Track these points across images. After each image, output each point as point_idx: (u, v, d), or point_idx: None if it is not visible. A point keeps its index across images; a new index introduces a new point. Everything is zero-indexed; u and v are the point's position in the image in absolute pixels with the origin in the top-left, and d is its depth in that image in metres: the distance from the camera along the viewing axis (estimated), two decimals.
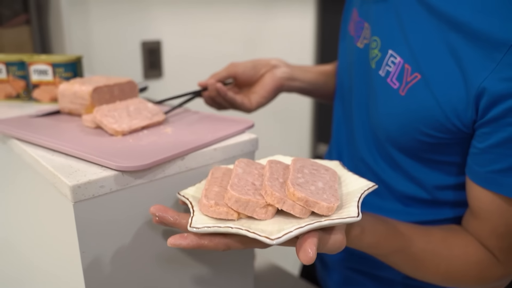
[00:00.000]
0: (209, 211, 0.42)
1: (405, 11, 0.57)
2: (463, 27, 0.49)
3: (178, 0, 1.46)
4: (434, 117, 0.53)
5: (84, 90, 0.65)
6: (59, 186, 0.46)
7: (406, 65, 0.55)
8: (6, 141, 0.64)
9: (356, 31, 0.68)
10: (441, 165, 0.59)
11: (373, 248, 0.53)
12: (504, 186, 0.50)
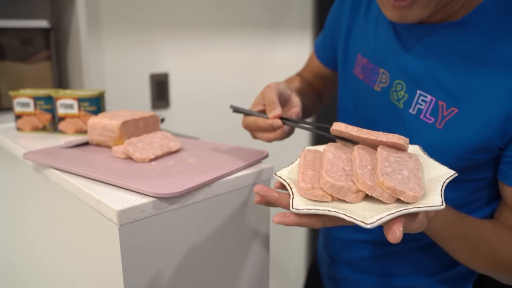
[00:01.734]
0: (307, 193, 0.47)
1: (432, 55, 0.64)
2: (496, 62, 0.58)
3: (184, 35, 1.55)
4: (476, 142, 0.60)
5: (113, 124, 0.72)
6: (104, 211, 0.52)
7: (440, 102, 0.63)
8: (42, 170, 0.70)
9: (369, 76, 0.75)
10: (470, 183, 0.65)
11: (441, 230, 0.59)
12: None
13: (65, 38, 1.17)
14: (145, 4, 1.42)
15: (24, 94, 0.91)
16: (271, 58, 1.86)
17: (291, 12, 1.92)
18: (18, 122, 0.93)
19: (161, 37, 1.49)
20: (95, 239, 0.58)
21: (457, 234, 0.60)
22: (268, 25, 1.83)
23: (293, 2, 1.91)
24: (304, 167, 0.50)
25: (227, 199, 0.61)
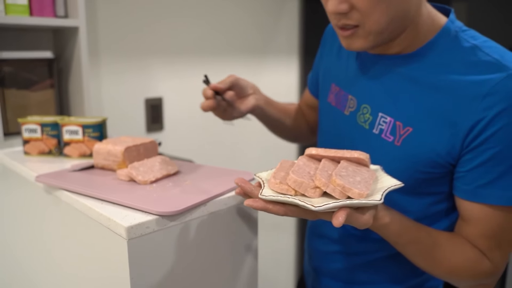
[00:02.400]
0: (275, 187, 0.58)
1: (391, 82, 0.75)
2: (442, 89, 0.68)
3: (176, 61, 1.64)
4: (428, 157, 0.70)
5: (117, 149, 0.81)
6: (114, 227, 0.60)
7: (397, 122, 0.73)
8: (52, 192, 0.78)
9: (340, 102, 0.85)
10: (429, 196, 0.74)
11: (396, 236, 0.67)
12: (488, 197, 0.67)
13: (67, 67, 1.25)
14: (140, 33, 1.52)
15: (31, 121, 0.99)
16: (260, 81, 1.96)
17: (278, 38, 2.03)
18: (26, 146, 1.00)
19: (155, 63, 1.59)
20: (104, 253, 0.66)
21: (413, 241, 0.69)
22: (257, 50, 1.94)
23: (280, 28, 2.03)
24: (278, 170, 0.62)
25: (220, 216, 0.69)
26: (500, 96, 0.63)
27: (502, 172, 0.65)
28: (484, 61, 0.66)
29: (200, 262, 0.68)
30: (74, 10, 1.17)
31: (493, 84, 0.64)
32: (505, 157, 0.65)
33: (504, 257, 0.71)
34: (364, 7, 0.65)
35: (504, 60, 0.65)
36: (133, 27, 1.50)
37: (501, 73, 0.64)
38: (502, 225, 0.68)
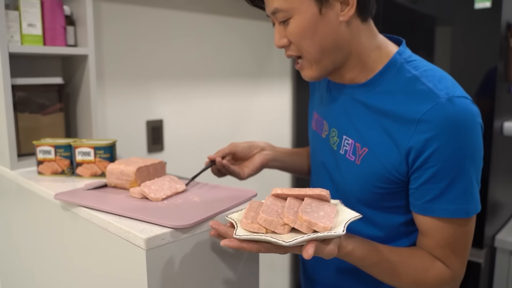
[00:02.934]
0: (247, 226, 0.64)
1: (350, 108, 0.84)
2: (389, 114, 0.77)
3: (176, 84, 1.73)
4: (381, 174, 0.78)
5: (130, 170, 0.88)
6: (133, 239, 0.67)
7: (357, 143, 0.82)
8: (70, 209, 0.85)
9: (318, 127, 0.96)
10: (391, 209, 0.82)
11: (361, 261, 0.74)
12: (435, 211, 0.75)
13: (75, 92, 1.33)
14: (141, 59, 1.61)
15: (46, 143, 1.06)
16: (255, 103, 2.05)
17: (272, 62, 2.13)
18: (40, 167, 1.07)
19: (156, 87, 1.67)
20: (121, 263, 0.72)
21: (376, 262, 0.76)
22: (251, 73, 2.04)
23: (274, 53, 2.13)
24: (248, 211, 0.69)
25: None
26: (430, 123, 0.71)
27: (443, 188, 0.73)
28: (419, 90, 0.75)
29: (208, 269, 0.75)
30: (83, 39, 1.26)
31: (424, 112, 0.72)
32: (444, 175, 0.73)
33: (461, 263, 0.79)
34: (295, 40, 0.79)
35: (436, 89, 0.73)
36: (135, 53, 1.59)
37: (432, 102, 0.72)
38: (453, 235, 0.76)
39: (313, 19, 0.76)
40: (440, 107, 0.71)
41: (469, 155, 0.73)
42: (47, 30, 1.19)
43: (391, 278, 0.78)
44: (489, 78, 1.60)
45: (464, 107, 0.72)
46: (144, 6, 1.59)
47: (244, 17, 1.98)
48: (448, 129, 0.71)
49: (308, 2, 0.76)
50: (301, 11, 0.77)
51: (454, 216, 0.74)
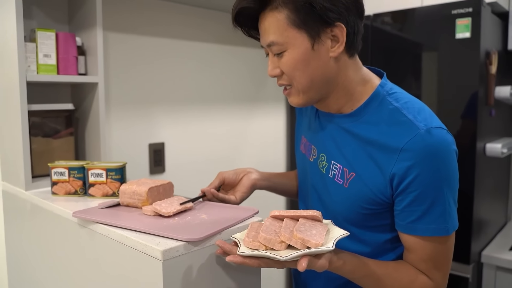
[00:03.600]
0: (249, 244, 0.73)
1: (338, 136, 0.92)
2: (374, 143, 0.85)
3: (177, 109, 1.82)
4: (368, 196, 0.86)
5: (142, 189, 0.96)
6: (150, 252, 0.75)
7: (344, 168, 0.90)
8: (87, 226, 0.93)
9: (307, 150, 1.03)
10: (377, 228, 0.90)
11: (351, 273, 0.82)
12: (418, 230, 0.83)
13: (84, 117, 1.41)
14: (144, 85, 1.70)
15: (60, 165, 1.14)
16: (251, 126, 2.15)
17: (267, 87, 2.24)
18: (54, 187, 1.15)
19: (158, 111, 1.76)
20: (138, 275, 0.80)
21: (365, 275, 0.84)
22: (248, 98, 2.14)
23: (268, 79, 2.24)
24: (249, 230, 0.78)
25: None
26: (411, 152, 0.80)
27: (424, 210, 0.82)
28: (400, 121, 0.84)
29: (216, 278, 0.83)
30: (94, 68, 1.35)
31: (406, 142, 0.81)
32: (425, 198, 0.81)
33: (443, 276, 0.87)
34: (287, 71, 0.87)
35: (416, 121, 0.82)
36: (139, 79, 1.68)
37: (412, 133, 0.81)
38: (434, 251, 0.84)
39: (306, 54, 0.85)
40: (420, 137, 0.80)
41: (446, 180, 0.82)
42: (61, 60, 1.28)
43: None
44: (472, 102, 1.72)
45: (440, 137, 0.81)
46: (146, 36, 1.70)
47: (240, 45, 2.09)
48: (427, 158, 0.80)
49: (302, 38, 0.84)
50: (295, 45, 0.84)
51: (435, 234, 0.83)
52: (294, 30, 0.83)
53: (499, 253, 1.85)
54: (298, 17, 0.82)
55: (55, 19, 1.42)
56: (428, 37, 1.82)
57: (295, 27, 0.83)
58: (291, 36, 0.84)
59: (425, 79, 1.84)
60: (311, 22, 0.83)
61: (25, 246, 1.26)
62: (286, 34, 0.84)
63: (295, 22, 0.83)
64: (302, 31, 0.83)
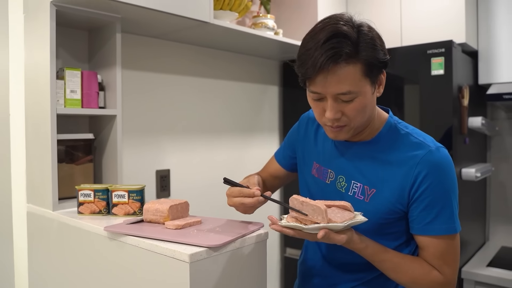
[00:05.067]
0: (288, 219, 0.93)
1: (358, 160, 1.08)
2: (392, 162, 1.03)
3: (181, 138, 1.99)
4: (387, 207, 1.02)
5: (164, 207, 1.11)
6: (179, 256, 0.90)
7: (365, 186, 1.06)
8: (116, 238, 1.07)
9: (321, 174, 1.18)
10: (390, 235, 1.06)
11: (371, 256, 0.99)
12: (432, 231, 1.00)
13: (101, 145, 1.57)
14: (153, 116, 1.87)
15: (86, 188, 1.29)
16: (248, 154, 2.32)
17: (262, 119, 2.43)
18: (80, 207, 1.29)
19: (164, 140, 1.92)
20: (165, 278, 0.94)
21: (384, 259, 1.01)
22: (245, 128, 2.32)
23: (264, 111, 2.43)
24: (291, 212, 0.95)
25: (242, 250, 1.00)
26: (424, 165, 0.99)
27: (436, 213, 0.99)
28: (414, 142, 1.03)
29: (232, 277, 0.98)
30: (113, 101, 1.52)
31: (420, 157, 1.00)
32: (436, 203, 0.99)
33: (452, 271, 1.03)
34: (353, 115, 1.00)
35: (426, 141, 1.02)
36: (148, 111, 1.85)
37: (424, 150, 1.01)
38: (445, 248, 1.01)
39: (369, 98, 1.00)
40: (431, 154, 1.00)
41: (452, 188, 1.01)
42: (85, 95, 1.45)
43: (394, 274, 1.02)
44: (448, 131, 1.92)
45: (446, 154, 1.02)
46: (154, 73, 1.88)
47: (238, 81, 2.29)
48: (437, 169, 0.99)
49: (369, 85, 0.98)
50: (364, 93, 0.98)
51: (446, 233, 1.00)
52: (366, 80, 0.97)
53: (477, 269, 2.01)
54: (371, 69, 0.96)
55: (77, 58, 1.60)
56: (408, 72, 2.04)
57: (367, 77, 0.96)
58: (363, 85, 0.97)
59: (407, 110, 2.05)
60: (376, 73, 0.99)
61: (49, 263, 1.39)
62: (361, 84, 0.96)
63: (367, 73, 0.96)
64: (369, 80, 0.98)
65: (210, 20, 1.63)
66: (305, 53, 0.95)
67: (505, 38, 2.19)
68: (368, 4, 2.42)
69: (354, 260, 1.07)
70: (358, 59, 0.93)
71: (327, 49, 0.91)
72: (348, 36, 0.92)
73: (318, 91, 0.97)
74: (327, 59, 0.91)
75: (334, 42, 0.92)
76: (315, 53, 0.93)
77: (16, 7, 1.52)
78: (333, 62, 0.92)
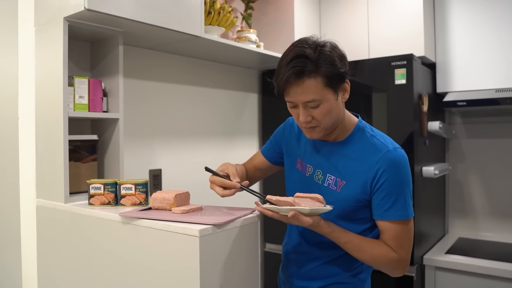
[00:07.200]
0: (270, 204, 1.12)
1: (332, 156, 1.29)
2: (359, 159, 1.24)
3: (172, 141, 2.17)
4: (354, 196, 1.23)
5: (170, 196, 1.30)
6: (190, 232, 1.09)
7: (337, 179, 1.27)
8: (130, 222, 1.25)
9: (303, 168, 1.39)
10: (358, 220, 1.27)
11: (337, 239, 1.19)
12: (389, 216, 1.21)
13: (103, 146, 1.74)
14: (146, 120, 2.05)
15: (97, 182, 1.46)
16: (230, 155, 2.52)
17: (243, 124, 2.64)
18: (91, 199, 1.46)
19: (157, 142, 2.10)
20: (177, 253, 1.13)
21: (348, 241, 1.22)
22: (228, 132, 2.52)
23: (245, 116, 2.64)
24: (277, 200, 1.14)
25: (240, 228, 1.20)
26: (383, 162, 1.21)
27: (393, 202, 1.21)
28: (377, 143, 1.25)
29: (231, 250, 1.18)
30: (115, 106, 1.69)
31: (380, 156, 1.22)
32: (392, 194, 1.21)
33: (406, 251, 1.24)
34: (320, 118, 1.21)
35: (386, 143, 1.25)
36: (142, 115, 2.03)
37: (384, 150, 1.23)
38: (399, 231, 1.23)
39: (333, 104, 1.20)
40: (389, 153, 1.22)
41: (405, 181, 1.23)
42: (91, 100, 1.62)
43: (357, 253, 1.23)
44: (410, 134, 2.17)
45: (401, 153, 1.24)
46: (148, 81, 2.07)
47: (222, 88, 2.49)
48: (393, 166, 1.21)
49: (331, 94, 1.18)
50: (327, 100, 1.18)
51: (400, 218, 1.21)
52: (327, 90, 1.17)
53: (437, 256, 2.27)
54: (330, 81, 1.16)
55: (80, 66, 1.77)
56: (375, 82, 2.29)
57: (328, 87, 1.17)
58: (325, 93, 1.17)
59: (375, 115, 2.30)
60: (336, 82, 1.18)
61: (59, 251, 1.54)
62: (323, 93, 1.16)
63: (328, 84, 1.16)
64: (330, 89, 1.18)
65: (201, 34, 1.83)
66: (278, 70, 1.19)
67: (460, 52, 2.48)
68: (339, 21, 2.67)
69: (325, 240, 1.28)
70: (317, 73, 1.14)
71: (292, 67, 1.14)
72: (309, 57, 1.15)
73: (290, 100, 1.20)
74: (291, 74, 1.14)
75: (298, 61, 1.14)
76: (283, 70, 1.16)
77: (26, 21, 1.68)
78: (296, 77, 1.14)
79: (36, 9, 1.65)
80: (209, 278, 1.11)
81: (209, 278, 1.11)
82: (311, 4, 2.64)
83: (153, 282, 1.21)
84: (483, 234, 2.67)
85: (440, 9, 2.55)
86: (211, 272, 1.12)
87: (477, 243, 2.58)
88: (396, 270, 1.26)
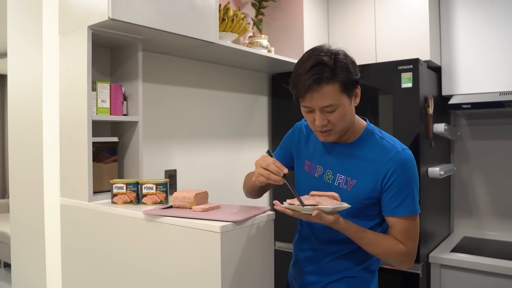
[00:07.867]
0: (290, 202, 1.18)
1: (342, 157, 1.37)
2: (369, 160, 1.31)
3: (187, 142, 2.25)
4: (364, 194, 1.31)
5: (190, 195, 1.38)
6: (211, 228, 1.17)
7: (348, 178, 1.35)
8: (153, 219, 1.34)
9: (311, 170, 1.46)
10: (368, 217, 1.35)
11: (353, 234, 1.26)
12: (399, 212, 1.28)
13: (123, 147, 1.82)
14: (162, 123, 2.13)
15: (120, 181, 1.55)
16: (240, 156, 2.60)
17: (254, 126, 2.72)
18: (114, 198, 1.55)
19: (172, 144, 2.19)
20: (199, 249, 1.21)
21: (362, 236, 1.29)
22: (239, 134, 2.60)
23: (255, 119, 2.72)
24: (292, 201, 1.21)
25: (257, 225, 1.28)
26: (393, 163, 1.29)
27: (402, 199, 1.29)
28: (386, 145, 1.33)
29: (248, 245, 1.26)
30: (135, 110, 1.78)
31: (390, 157, 1.30)
32: (401, 192, 1.29)
33: (413, 244, 1.32)
34: (335, 122, 1.29)
35: (395, 144, 1.33)
36: (158, 118, 2.11)
37: (393, 151, 1.30)
38: (408, 226, 1.30)
39: (347, 108, 1.27)
40: (398, 154, 1.30)
41: (413, 180, 1.30)
42: (112, 104, 1.71)
43: (370, 247, 1.31)
44: (416, 136, 2.24)
45: (409, 154, 1.32)
46: (163, 84, 2.15)
47: (234, 91, 2.57)
48: (402, 166, 1.29)
49: (346, 99, 1.26)
50: (343, 104, 1.25)
51: (409, 214, 1.29)
52: (343, 95, 1.25)
53: (442, 254, 2.34)
54: (346, 86, 1.24)
55: (101, 71, 1.85)
56: (382, 85, 2.36)
57: (344, 93, 1.24)
58: (341, 99, 1.24)
59: (381, 117, 2.37)
60: (351, 88, 1.26)
61: (83, 246, 1.63)
62: (339, 98, 1.24)
63: (344, 90, 1.24)
64: (346, 95, 1.25)
65: (216, 40, 1.92)
66: (296, 77, 1.25)
67: (464, 56, 2.55)
68: (347, 27, 2.75)
69: (336, 237, 1.36)
70: (335, 80, 1.22)
71: (312, 74, 1.20)
72: (327, 64, 1.22)
73: (308, 105, 1.27)
74: (312, 81, 1.20)
75: (317, 69, 1.21)
76: (303, 78, 1.22)
77: (50, 29, 1.76)
78: (316, 84, 1.21)
79: (60, 18, 1.74)
80: (229, 272, 1.19)
81: (229, 271, 1.19)
82: (319, 10, 2.72)
83: (176, 277, 1.29)
84: (487, 233, 2.73)
85: (445, 14, 2.62)
86: (231, 266, 1.20)
87: (482, 242, 2.64)
88: (405, 263, 1.34)
